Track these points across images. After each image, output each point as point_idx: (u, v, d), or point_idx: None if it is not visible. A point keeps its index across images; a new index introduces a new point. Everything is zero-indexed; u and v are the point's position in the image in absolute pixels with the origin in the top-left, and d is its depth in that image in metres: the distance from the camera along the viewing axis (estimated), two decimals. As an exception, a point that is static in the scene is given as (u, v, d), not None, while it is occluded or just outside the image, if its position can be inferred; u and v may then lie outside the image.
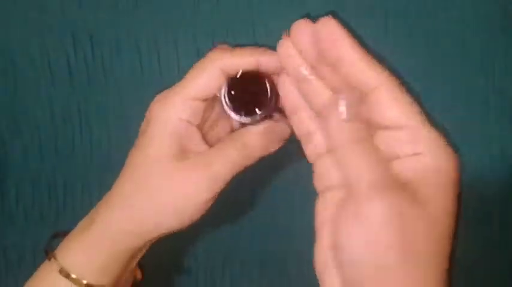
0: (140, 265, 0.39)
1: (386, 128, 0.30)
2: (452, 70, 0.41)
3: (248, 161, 0.36)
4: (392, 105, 0.30)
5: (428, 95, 0.41)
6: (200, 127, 0.36)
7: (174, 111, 0.35)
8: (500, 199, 0.41)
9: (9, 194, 0.44)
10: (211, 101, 0.36)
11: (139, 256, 0.38)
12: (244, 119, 0.35)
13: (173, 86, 0.35)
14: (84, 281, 0.35)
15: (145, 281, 0.40)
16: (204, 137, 0.37)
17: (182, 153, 0.35)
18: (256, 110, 0.35)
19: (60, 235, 0.38)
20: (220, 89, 0.35)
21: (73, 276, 0.35)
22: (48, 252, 0.36)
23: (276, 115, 0.36)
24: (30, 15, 0.42)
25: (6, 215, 0.44)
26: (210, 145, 0.36)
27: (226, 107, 0.35)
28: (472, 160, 0.41)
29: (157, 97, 0.36)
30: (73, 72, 0.43)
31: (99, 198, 0.36)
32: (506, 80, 0.41)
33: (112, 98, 0.42)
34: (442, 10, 0.41)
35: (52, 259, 0.36)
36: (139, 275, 0.41)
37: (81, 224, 0.37)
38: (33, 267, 0.42)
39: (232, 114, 0.35)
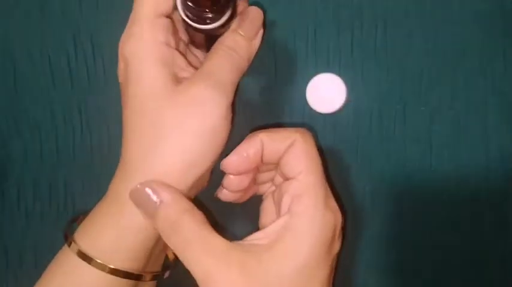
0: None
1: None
2: (451, 71, 0.41)
3: (244, 58, 0.35)
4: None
5: (426, 95, 0.41)
6: (180, 52, 0.35)
7: (147, 37, 0.33)
8: (498, 200, 0.41)
9: (9, 194, 0.43)
10: (175, 22, 0.34)
11: None
12: (212, 25, 0.33)
13: (129, 19, 0.34)
14: (111, 266, 0.33)
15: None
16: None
17: (175, 81, 0.33)
18: (217, 5, 0.33)
19: (80, 219, 0.36)
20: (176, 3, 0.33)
21: (98, 261, 0.33)
22: (67, 236, 0.34)
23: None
24: (30, 15, 0.42)
25: (6, 215, 0.43)
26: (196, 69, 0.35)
27: (187, 19, 0.33)
28: (471, 161, 0.41)
29: (122, 37, 0.34)
30: (73, 72, 0.42)
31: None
32: (506, 80, 0.41)
33: (113, 98, 0.41)
34: (440, 10, 0.40)
35: (72, 244, 0.34)
36: (171, 255, 0.38)
37: (100, 205, 0.35)
38: (34, 268, 0.43)
39: (197, 25, 0.33)
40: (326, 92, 0.41)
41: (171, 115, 0.33)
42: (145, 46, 0.33)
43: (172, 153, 0.33)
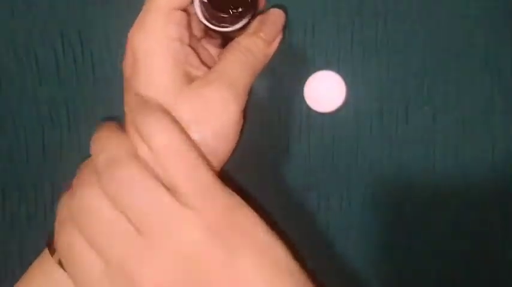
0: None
1: None
2: (456, 68, 0.41)
3: (261, 61, 0.34)
4: None
5: (432, 93, 0.41)
6: (193, 48, 0.34)
7: (160, 32, 0.32)
8: (503, 199, 0.41)
9: (-5, 195, 0.43)
10: (189, 15, 0.34)
11: None
12: (231, 28, 0.33)
13: (142, 9, 0.33)
14: None
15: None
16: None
17: (187, 80, 0.33)
18: (238, 10, 0.33)
19: None
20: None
21: None
22: (50, 242, 0.34)
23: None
24: (16, 10, 0.42)
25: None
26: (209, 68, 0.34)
27: (204, 20, 0.33)
28: (476, 162, 0.41)
29: (133, 28, 0.33)
30: (61, 69, 0.42)
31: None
32: (511, 78, 0.41)
33: (101, 96, 0.42)
34: (446, 6, 0.40)
35: (52, 249, 0.33)
36: None
37: None
38: (19, 270, 0.42)
39: (215, 27, 0.33)
40: (325, 91, 0.41)
41: (181, 113, 0.32)
42: (158, 41, 0.32)
43: None
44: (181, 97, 0.32)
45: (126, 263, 0.29)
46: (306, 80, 0.41)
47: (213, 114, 0.32)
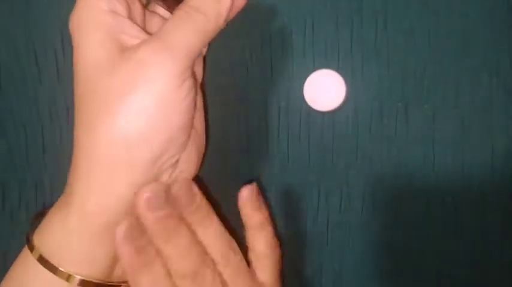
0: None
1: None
2: (455, 67, 0.40)
3: (212, 20, 0.31)
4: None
5: (429, 93, 0.41)
6: (133, 20, 0.32)
7: (88, 6, 0.31)
8: (503, 198, 0.41)
9: (-6, 194, 0.43)
10: None
11: None
12: None
13: None
14: (65, 270, 0.31)
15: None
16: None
17: (123, 50, 0.31)
18: None
19: (44, 214, 0.34)
20: None
21: (53, 264, 0.31)
22: (29, 237, 0.33)
23: None
24: (16, 9, 0.42)
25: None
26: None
27: None
28: (475, 161, 0.41)
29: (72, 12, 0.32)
30: (61, 68, 0.42)
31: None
32: (511, 77, 0.40)
33: None
34: (444, 5, 0.40)
35: (30, 244, 0.32)
36: None
37: (59, 200, 0.33)
38: None
39: None
40: (324, 89, 0.40)
41: (112, 85, 0.30)
42: (86, 15, 0.31)
43: (114, 130, 0.30)
44: (114, 69, 0.30)
45: None
46: (305, 79, 0.40)
47: (147, 79, 0.29)
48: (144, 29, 0.34)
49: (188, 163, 0.34)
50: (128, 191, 0.31)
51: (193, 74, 0.32)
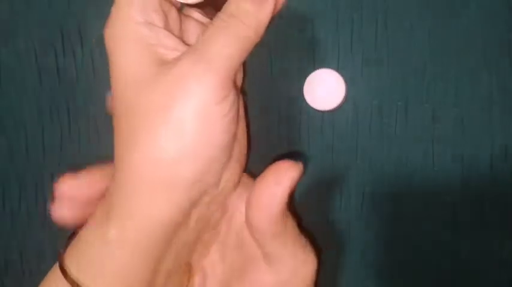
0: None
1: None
2: (455, 65, 0.40)
3: (253, 28, 0.29)
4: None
5: (431, 91, 0.41)
6: (170, 30, 0.31)
7: (123, 18, 0.29)
8: (502, 197, 0.41)
9: (-5, 194, 0.43)
10: None
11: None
12: None
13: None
14: None
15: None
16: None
17: (161, 64, 0.29)
18: None
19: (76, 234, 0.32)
20: None
21: None
22: (61, 259, 0.30)
23: None
24: (16, 9, 0.42)
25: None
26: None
27: None
28: (475, 160, 0.41)
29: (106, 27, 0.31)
30: (61, 68, 0.42)
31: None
32: (510, 76, 0.40)
33: (101, 95, 0.41)
34: (444, 4, 0.40)
35: (62, 267, 0.30)
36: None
37: (93, 219, 0.31)
38: (20, 270, 0.42)
39: (189, 1, 0.29)
40: (324, 88, 0.40)
41: (152, 101, 0.28)
42: (121, 28, 0.30)
43: (154, 148, 0.28)
44: (153, 84, 0.29)
45: None
46: (305, 78, 0.40)
47: (186, 94, 0.28)
48: (181, 37, 0.33)
49: (230, 180, 0.33)
50: (169, 213, 0.29)
51: (236, 87, 0.30)
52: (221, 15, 0.30)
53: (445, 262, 0.41)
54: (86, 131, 0.42)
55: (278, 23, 0.40)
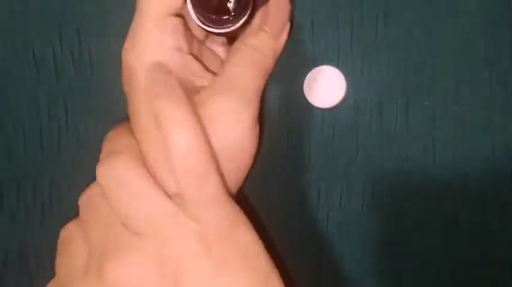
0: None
1: None
2: (456, 63, 0.40)
3: (270, 58, 0.31)
4: None
5: (431, 88, 0.41)
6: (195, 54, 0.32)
7: (154, 43, 0.29)
8: (503, 195, 0.41)
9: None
10: (185, 19, 0.31)
11: None
12: (230, 29, 0.30)
13: (133, 20, 0.30)
14: None
15: None
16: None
17: (191, 92, 0.30)
18: (231, 8, 0.30)
19: None
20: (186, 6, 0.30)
21: None
22: None
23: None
24: (13, 6, 0.41)
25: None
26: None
27: (199, 23, 0.30)
28: (476, 158, 0.41)
29: (126, 43, 0.30)
30: (59, 66, 0.42)
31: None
32: (511, 74, 0.40)
33: (100, 93, 0.42)
34: (446, 2, 0.40)
35: None
36: None
37: None
38: (18, 270, 0.42)
39: (212, 29, 0.30)
40: (325, 86, 0.40)
41: None
42: (152, 54, 0.30)
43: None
44: None
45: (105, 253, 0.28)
46: (305, 76, 0.40)
47: (225, 127, 0.30)
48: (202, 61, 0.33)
49: None
50: None
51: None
52: (244, 47, 0.31)
53: (444, 259, 0.41)
54: (83, 129, 0.42)
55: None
